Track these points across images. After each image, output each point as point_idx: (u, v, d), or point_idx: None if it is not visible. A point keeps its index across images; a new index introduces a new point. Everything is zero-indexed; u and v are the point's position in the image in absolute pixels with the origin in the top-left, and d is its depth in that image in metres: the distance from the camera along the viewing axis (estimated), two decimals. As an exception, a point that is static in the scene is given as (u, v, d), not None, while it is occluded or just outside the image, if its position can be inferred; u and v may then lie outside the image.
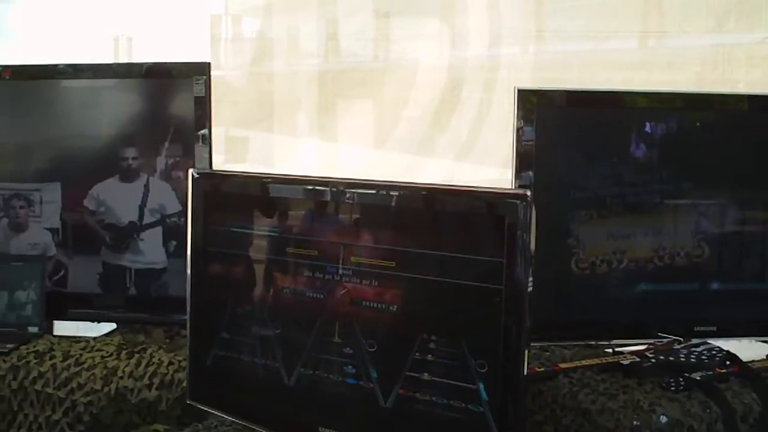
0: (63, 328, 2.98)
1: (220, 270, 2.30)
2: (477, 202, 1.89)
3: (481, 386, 1.86)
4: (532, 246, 1.80)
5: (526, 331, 1.82)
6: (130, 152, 2.93)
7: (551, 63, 5.05)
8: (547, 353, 2.68)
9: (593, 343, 2.74)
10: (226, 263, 2.29)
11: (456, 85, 5.11)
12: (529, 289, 1.81)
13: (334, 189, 2.08)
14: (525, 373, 1.84)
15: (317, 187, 2.12)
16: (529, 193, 1.81)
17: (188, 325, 2.35)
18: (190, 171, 2.31)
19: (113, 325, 2.98)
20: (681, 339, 2.64)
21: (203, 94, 2.87)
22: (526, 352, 1.83)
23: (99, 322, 2.98)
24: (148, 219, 2.93)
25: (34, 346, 2.77)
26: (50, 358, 2.69)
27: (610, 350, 2.64)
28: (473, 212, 1.89)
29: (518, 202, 1.80)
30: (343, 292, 2.06)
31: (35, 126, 3.00)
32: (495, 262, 1.82)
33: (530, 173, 2.69)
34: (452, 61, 5.20)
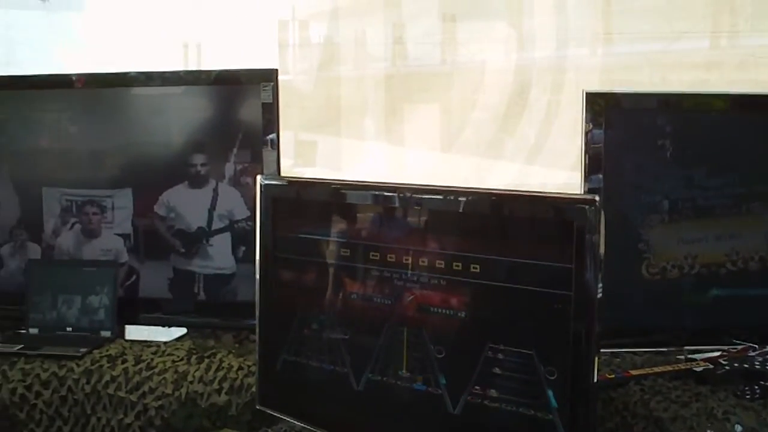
0: (134, 332, 3.02)
1: (289, 275, 2.31)
2: (545, 207, 1.87)
3: (551, 393, 1.84)
4: (602, 251, 1.78)
5: (596, 337, 1.80)
6: (199, 158, 2.96)
7: (620, 64, 4.99)
8: (618, 360, 2.64)
9: (665, 349, 2.69)
10: (294, 269, 2.30)
11: (523, 87, 5.06)
12: (599, 295, 1.79)
13: (402, 195, 2.07)
14: (595, 380, 1.82)
15: (385, 193, 2.11)
16: (597, 198, 1.79)
17: (257, 331, 2.36)
18: (259, 177, 2.33)
19: (183, 330, 3.01)
20: (756, 345, 2.58)
21: (271, 100, 2.89)
22: (597, 358, 1.81)
23: (169, 326, 3.01)
24: (217, 225, 2.96)
25: (107, 351, 2.81)
26: (122, 362, 2.73)
27: (682, 357, 2.60)
28: (542, 218, 1.87)
29: (587, 207, 1.78)
30: (410, 298, 2.06)
31: (107, 133, 3.05)
32: (564, 268, 1.80)
33: (599, 177, 2.66)
34: (519, 63, 5.15)
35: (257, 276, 2.34)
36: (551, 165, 5.20)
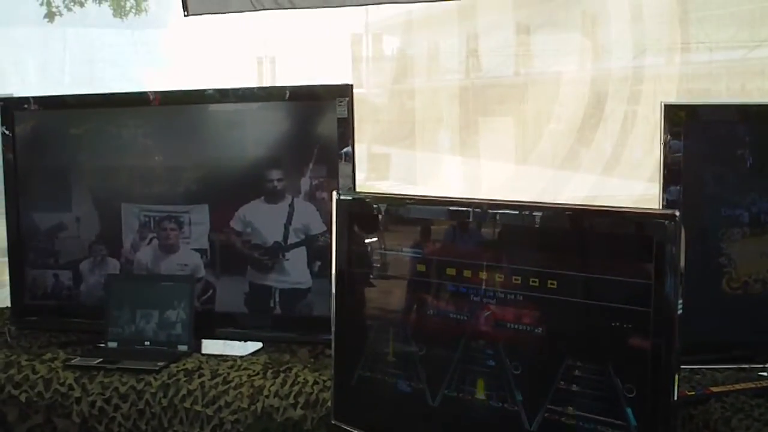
0: (211, 346, 3.04)
1: (365, 291, 2.31)
2: (624, 222, 1.84)
3: (630, 411, 1.81)
4: (682, 267, 1.75)
5: (676, 354, 1.76)
6: (275, 174, 2.98)
7: (698, 73, 4.93)
8: (698, 376, 2.59)
9: (746, 366, 2.63)
10: (369, 284, 2.30)
11: (599, 98, 5.03)
12: (679, 311, 1.76)
13: (477, 209, 2.06)
14: (675, 398, 1.78)
15: (460, 208, 2.11)
16: (677, 213, 1.76)
17: (333, 346, 2.36)
18: (334, 193, 2.33)
19: (259, 344, 3.02)
20: (842, 362, 2.52)
21: (346, 116, 2.89)
22: (677, 376, 1.77)
23: (245, 341, 3.03)
24: (292, 239, 2.97)
25: (184, 365, 2.83)
26: (199, 377, 2.75)
27: (764, 373, 2.54)
28: (620, 233, 1.84)
29: (667, 221, 1.75)
30: (487, 313, 2.05)
31: (184, 149, 3.09)
32: (643, 284, 1.78)
33: (678, 189, 2.61)
34: (595, 74, 5.13)
35: (333, 291, 2.34)
36: (628, 176, 5.15)
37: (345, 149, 2.90)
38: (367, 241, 2.29)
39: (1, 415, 2.87)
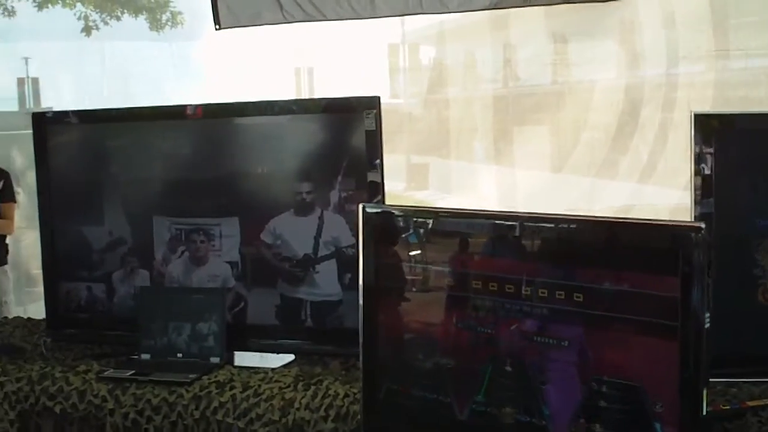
0: (243, 358, 3.05)
1: (392, 304, 2.30)
2: (649, 235, 1.83)
3: (658, 427, 1.79)
4: (709, 280, 1.73)
5: (704, 369, 1.74)
6: (305, 186, 2.98)
7: (735, 81, 4.88)
8: (734, 389, 2.54)
9: (784, 379, 2.59)
10: (397, 297, 2.29)
11: (634, 106, 4.99)
12: (707, 325, 1.74)
13: (504, 222, 2.05)
14: (704, 413, 1.76)
15: (484, 221, 2.10)
16: (704, 225, 1.74)
17: (361, 359, 2.36)
18: (360, 206, 2.33)
19: (291, 356, 3.02)
20: None
21: (374, 128, 2.89)
22: (705, 390, 1.75)
23: (277, 353, 3.03)
24: (322, 252, 2.97)
25: (216, 377, 2.84)
26: (230, 389, 2.76)
27: (802, 386, 2.50)
28: (645, 245, 1.83)
29: (693, 234, 1.73)
30: (514, 327, 2.03)
31: (214, 163, 3.11)
32: (669, 298, 1.76)
33: (711, 200, 2.57)
34: (630, 82, 5.10)
35: (360, 304, 2.33)
36: (665, 184, 5.11)
37: (374, 162, 2.89)
38: (393, 253, 2.28)
39: (36, 426, 2.90)
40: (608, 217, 1.94)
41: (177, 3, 9.56)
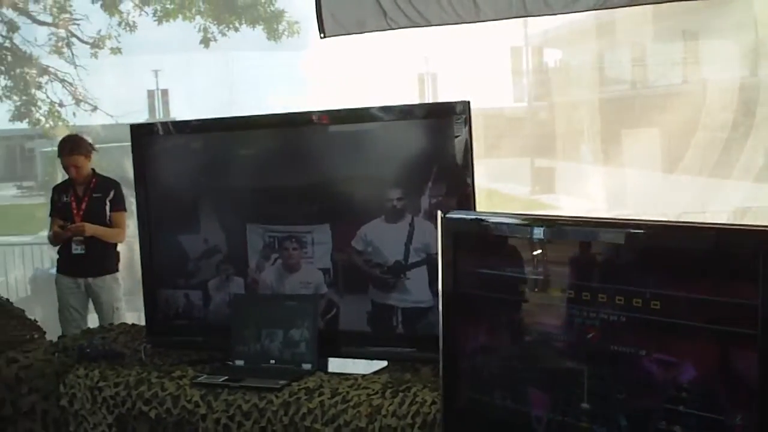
0: (337, 365, 3.06)
1: (471, 311, 2.26)
2: (727, 239, 1.75)
3: (738, 439, 1.71)
4: (789, 286, 1.64)
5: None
6: (395, 193, 2.97)
7: None
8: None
9: None
10: (475, 305, 2.25)
11: (749, 106, 4.82)
12: (788, 333, 1.65)
13: (576, 228, 2.00)
14: (785, 426, 1.67)
15: (562, 228, 2.05)
16: (782, 228, 1.66)
17: (441, 368, 2.33)
18: (439, 212, 2.31)
19: (384, 363, 3.01)
20: None
21: (464, 133, 2.85)
22: (786, 404, 1.67)
23: (370, 359, 3.02)
24: (413, 258, 2.95)
25: (306, 383, 2.85)
26: (319, 395, 2.76)
27: None
28: (723, 251, 1.75)
29: (769, 238, 1.65)
30: (590, 335, 1.97)
31: (306, 170, 3.12)
32: (748, 305, 1.68)
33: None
34: (744, 81, 4.93)
35: (440, 311, 2.31)
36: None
37: (465, 168, 2.85)
38: (472, 260, 2.25)
39: (132, 430, 2.96)
40: (685, 222, 1.87)
41: (292, 13, 9.70)
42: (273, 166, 3.18)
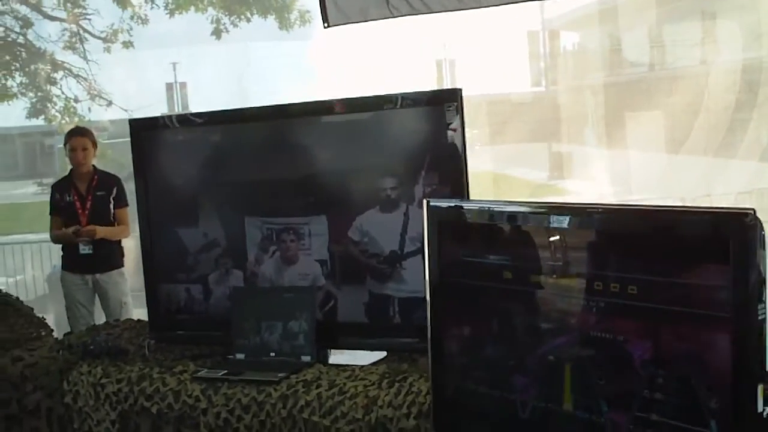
0: (337, 356, 3.07)
1: (456, 300, 2.26)
2: (698, 222, 1.74)
3: (714, 424, 1.71)
4: (763, 269, 1.63)
5: (759, 363, 1.65)
6: (389, 182, 2.97)
7: None
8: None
9: None
10: (460, 292, 2.25)
11: (751, 86, 4.78)
12: (761, 317, 1.64)
13: (553, 215, 1.99)
14: (761, 410, 1.66)
15: (540, 214, 2.04)
16: (753, 210, 1.65)
17: (429, 357, 2.32)
18: (425, 201, 2.30)
19: (383, 353, 3.02)
20: None
21: (456, 121, 2.85)
22: (761, 386, 1.66)
23: (368, 350, 3.03)
24: (409, 248, 2.95)
25: (304, 375, 2.87)
26: (317, 387, 2.78)
27: None
28: (695, 234, 1.74)
29: (743, 220, 1.64)
30: (573, 321, 1.97)
31: (300, 162, 3.13)
32: (720, 288, 1.67)
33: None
34: (746, 62, 4.88)
35: (427, 300, 2.30)
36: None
37: (457, 157, 2.85)
38: (456, 249, 2.25)
39: (135, 426, 2.99)
40: (652, 206, 1.86)
41: (303, 2, 9.69)
42: (269, 158, 3.19)
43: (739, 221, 1.65)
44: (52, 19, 10.05)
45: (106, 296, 5.30)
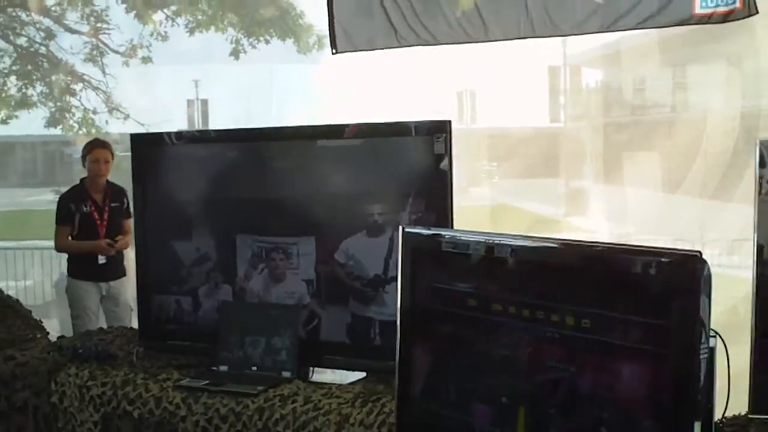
0: (319, 374, 3.14)
1: (425, 325, 2.33)
2: (645, 262, 1.81)
3: (654, 457, 1.77)
4: (704, 310, 1.70)
5: (697, 401, 1.72)
6: (377, 208, 3.05)
7: None
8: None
9: None
10: (429, 319, 2.32)
11: (750, 133, 4.83)
12: (703, 356, 1.71)
13: (514, 247, 2.07)
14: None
15: (502, 245, 2.11)
16: (700, 253, 1.72)
17: (396, 380, 2.38)
18: (401, 227, 2.38)
19: (363, 374, 3.09)
20: None
21: (444, 152, 2.93)
22: (698, 425, 1.72)
23: (348, 370, 3.11)
24: (392, 272, 3.02)
25: (282, 390, 2.94)
26: (292, 402, 2.85)
27: None
28: (642, 272, 1.81)
29: (688, 263, 1.71)
30: (528, 350, 2.04)
31: (293, 184, 3.23)
32: (662, 326, 1.75)
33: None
34: (745, 109, 4.93)
35: (398, 325, 2.37)
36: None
37: (443, 187, 2.93)
38: (428, 276, 2.32)
39: (116, 428, 3.07)
40: (603, 243, 1.93)
41: (323, 26, 9.80)
42: (263, 178, 3.28)
43: (685, 263, 1.72)
44: (73, 32, 10.22)
45: (118, 302, 5.40)
